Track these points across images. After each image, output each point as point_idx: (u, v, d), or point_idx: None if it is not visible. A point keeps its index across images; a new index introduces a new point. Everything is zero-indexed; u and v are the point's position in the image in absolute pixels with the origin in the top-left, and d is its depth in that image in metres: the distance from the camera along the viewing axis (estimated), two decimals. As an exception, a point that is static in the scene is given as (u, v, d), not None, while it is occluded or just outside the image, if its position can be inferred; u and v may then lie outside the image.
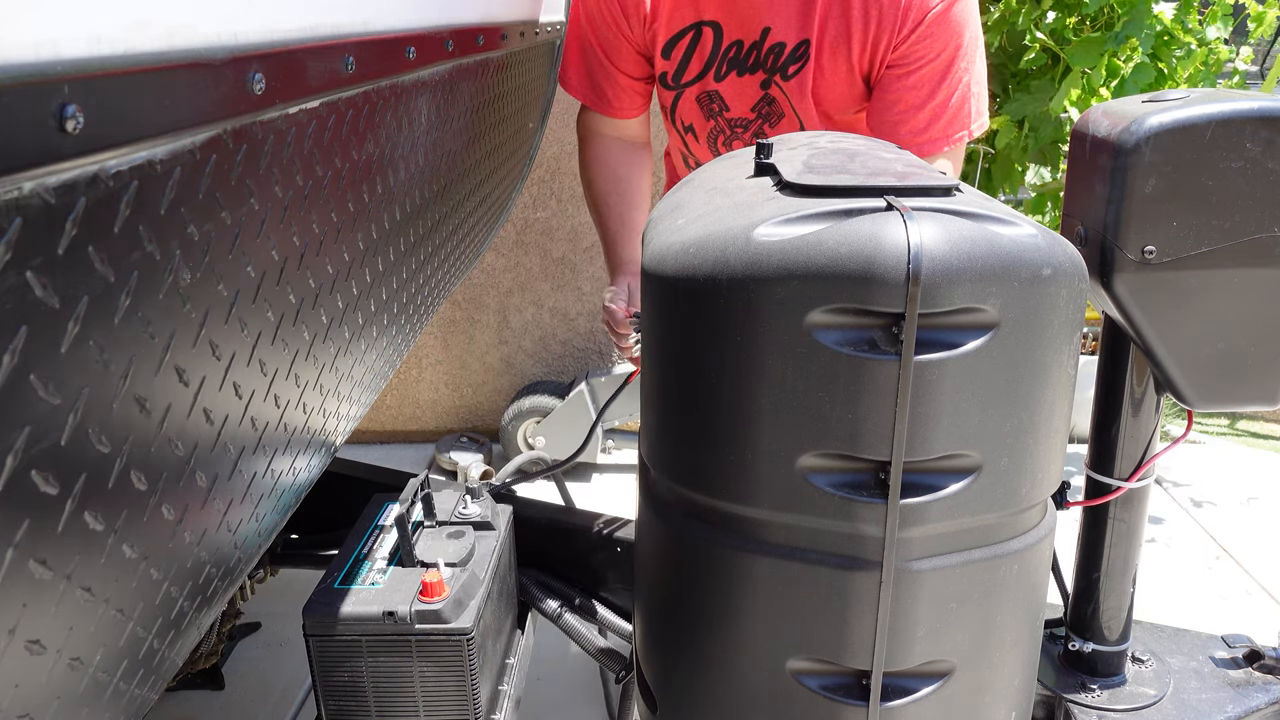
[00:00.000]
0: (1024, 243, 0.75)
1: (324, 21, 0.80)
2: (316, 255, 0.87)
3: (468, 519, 1.38)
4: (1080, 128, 1.21)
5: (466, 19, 1.26)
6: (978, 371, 0.75)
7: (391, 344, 1.25)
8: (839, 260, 0.73)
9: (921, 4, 1.46)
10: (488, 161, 1.58)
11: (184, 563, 0.74)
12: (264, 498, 0.90)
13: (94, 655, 0.63)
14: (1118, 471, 1.31)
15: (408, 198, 1.13)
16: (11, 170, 0.46)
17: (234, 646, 1.99)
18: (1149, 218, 1.10)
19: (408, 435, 3.36)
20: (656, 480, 0.91)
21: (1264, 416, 3.49)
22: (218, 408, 0.73)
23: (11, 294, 0.47)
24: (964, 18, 1.48)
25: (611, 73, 1.73)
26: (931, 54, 1.49)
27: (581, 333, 3.27)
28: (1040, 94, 2.78)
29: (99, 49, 0.51)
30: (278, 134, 0.74)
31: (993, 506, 0.80)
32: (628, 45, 1.70)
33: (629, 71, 1.72)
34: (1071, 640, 1.39)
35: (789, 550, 0.81)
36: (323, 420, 1.03)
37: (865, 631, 0.81)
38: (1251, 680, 1.39)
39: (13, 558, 0.51)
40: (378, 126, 0.96)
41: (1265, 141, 1.07)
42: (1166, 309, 1.13)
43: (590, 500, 2.59)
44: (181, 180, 0.60)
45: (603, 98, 1.75)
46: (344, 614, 1.17)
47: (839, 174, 0.85)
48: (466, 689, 1.20)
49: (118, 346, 0.57)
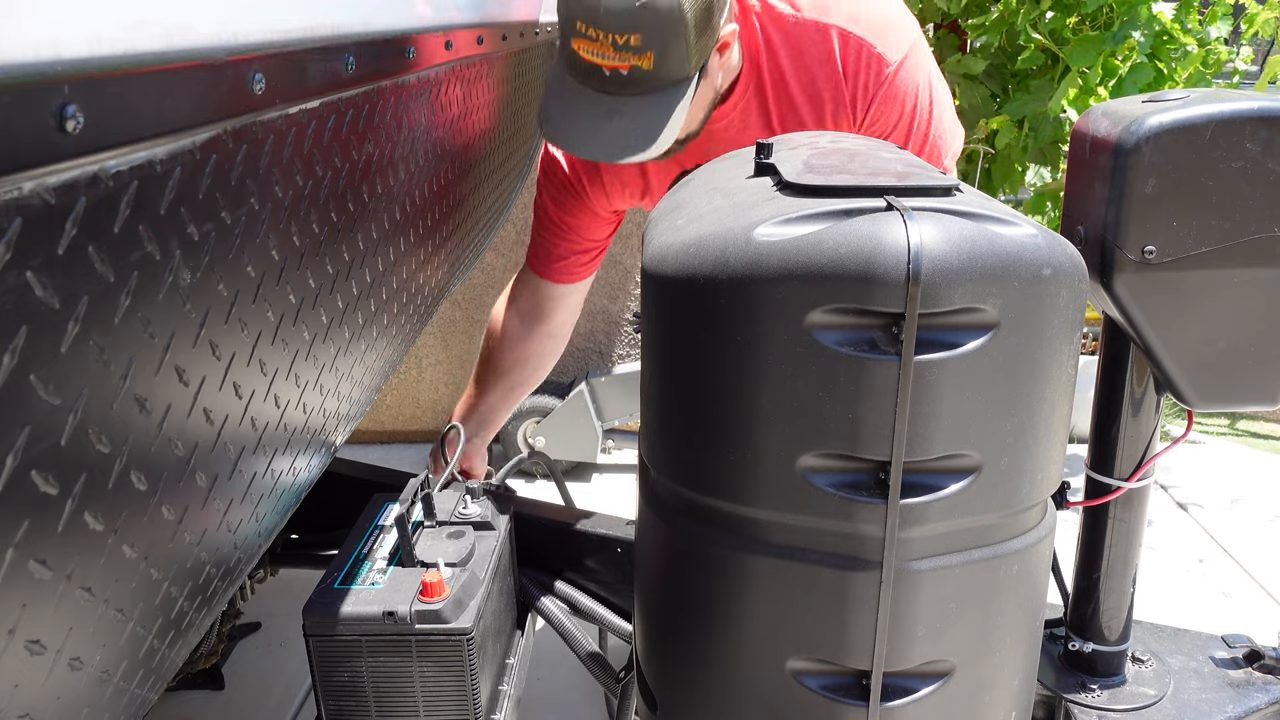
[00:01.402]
0: (1024, 243, 0.75)
1: (324, 21, 0.80)
2: (316, 255, 0.87)
3: (468, 519, 1.38)
4: (1080, 128, 1.21)
5: (466, 19, 1.26)
6: (978, 371, 0.75)
7: (391, 344, 1.25)
8: (839, 260, 0.73)
9: (865, 89, 1.48)
10: (488, 161, 1.58)
11: (184, 563, 0.74)
12: (264, 498, 0.90)
13: (94, 655, 0.63)
14: (1118, 471, 1.31)
15: (408, 198, 1.13)
16: (11, 170, 0.46)
17: (234, 646, 1.99)
18: (1149, 218, 1.10)
19: (408, 435, 3.36)
20: (656, 480, 0.91)
21: (1264, 416, 3.49)
22: (218, 408, 0.73)
23: (11, 294, 0.47)
24: (910, 75, 1.50)
25: (574, 240, 1.76)
26: (891, 122, 1.51)
27: (581, 333, 3.27)
28: (1040, 94, 2.78)
29: (99, 49, 0.51)
30: (278, 134, 0.74)
31: (993, 507, 0.80)
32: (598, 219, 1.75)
33: (592, 236, 1.76)
34: (1071, 640, 1.39)
35: (789, 550, 0.81)
36: (323, 420, 1.03)
37: (865, 631, 0.81)
38: (1251, 680, 1.39)
39: (13, 558, 0.51)
40: (378, 126, 0.96)
41: (1265, 141, 1.07)
42: (1166, 309, 1.13)
43: (590, 500, 2.59)
44: (181, 180, 0.60)
45: (551, 266, 1.79)
46: (344, 614, 1.17)
47: (839, 174, 0.85)
48: (466, 689, 1.20)
49: (118, 346, 0.57)
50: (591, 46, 1.28)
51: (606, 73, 1.29)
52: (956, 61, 2.92)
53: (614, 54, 1.27)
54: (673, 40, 1.27)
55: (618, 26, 1.25)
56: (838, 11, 1.47)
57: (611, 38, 1.26)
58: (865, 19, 1.47)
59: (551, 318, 1.83)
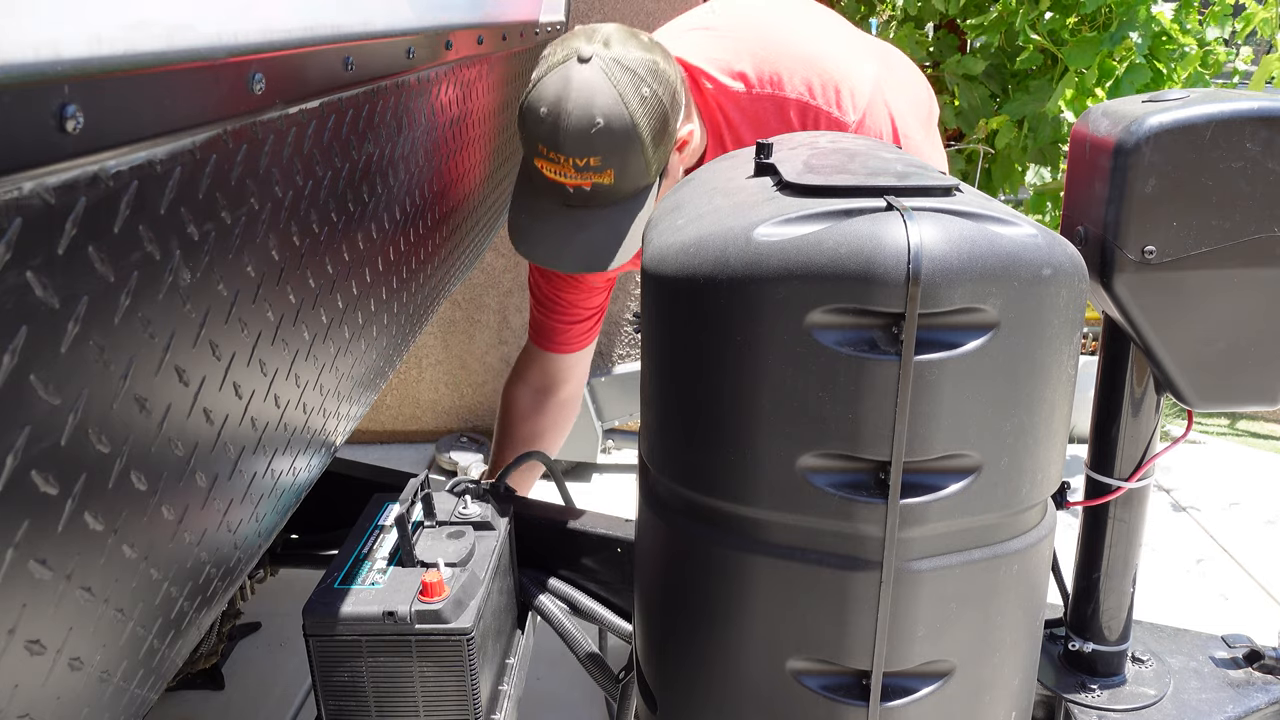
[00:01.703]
0: (1024, 243, 0.75)
1: (324, 21, 0.80)
2: (316, 255, 0.87)
3: (468, 519, 1.37)
4: (1080, 128, 1.21)
5: (466, 19, 1.26)
6: (977, 371, 0.75)
7: (391, 344, 1.25)
8: (839, 260, 0.73)
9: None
10: (488, 162, 1.58)
11: (184, 563, 0.74)
12: (264, 498, 0.90)
13: (94, 655, 0.63)
14: (1118, 472, 1.31)
15: (408, 198, 1.13)
16: (11, 170, 0.46)
17: (234, 646, 1.99)
18: (1149, 218, 1.10)
19: (408, 435, 3.36)
20: (656, 480, 0.91)
21: (1264, 416, 3.49)
22: (218, 408, 0.73)
23: (11, 294, 0.47)
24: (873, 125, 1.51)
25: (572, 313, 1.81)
26: None
27: (581, 333, 3.27)
28: (1039, 94, 2.78)
29: (99, 49, 0.51)
30: (278, 134, 0.74)
31: (993, 507, 0.80)
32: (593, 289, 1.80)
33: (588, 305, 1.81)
34: (1071, 640, 1.39)
35: (789, 550, 0.81)
36: (323, 420, 1.03)
37: (865, 631, 0.81)
38: (1251, 680, 1.39)
39: (13, 558, 0.51)
40: (377, 126, 0.96)
41: (1265, 141, 1.07)
42: (1166, 309, 1.13)
43: (590, 500, 2.59)
44: (181, 180, 0.60)
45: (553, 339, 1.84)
46: (344, 614, 1.17)
47: (839, 174, 0.85)
48: (466, 689, 1.20)
49: (118, 346, 0.57)
50: (554, 168, 1.32)
51: (570, 190, 1.33)
52: (956, 61, 2.92)
53: (575, 174, 1.32)
54: (631, 157, 1.31)
55: (577, 151, 1.29)
56: (789, 83, 1.49)
57: (572, 160, 1.30)
58: (819, 85, 1.49)
59: (563, 388, 1.89)
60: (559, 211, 1.37)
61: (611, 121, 1.27)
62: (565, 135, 1.28)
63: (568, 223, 1.37)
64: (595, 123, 1.27)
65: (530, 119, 1.31)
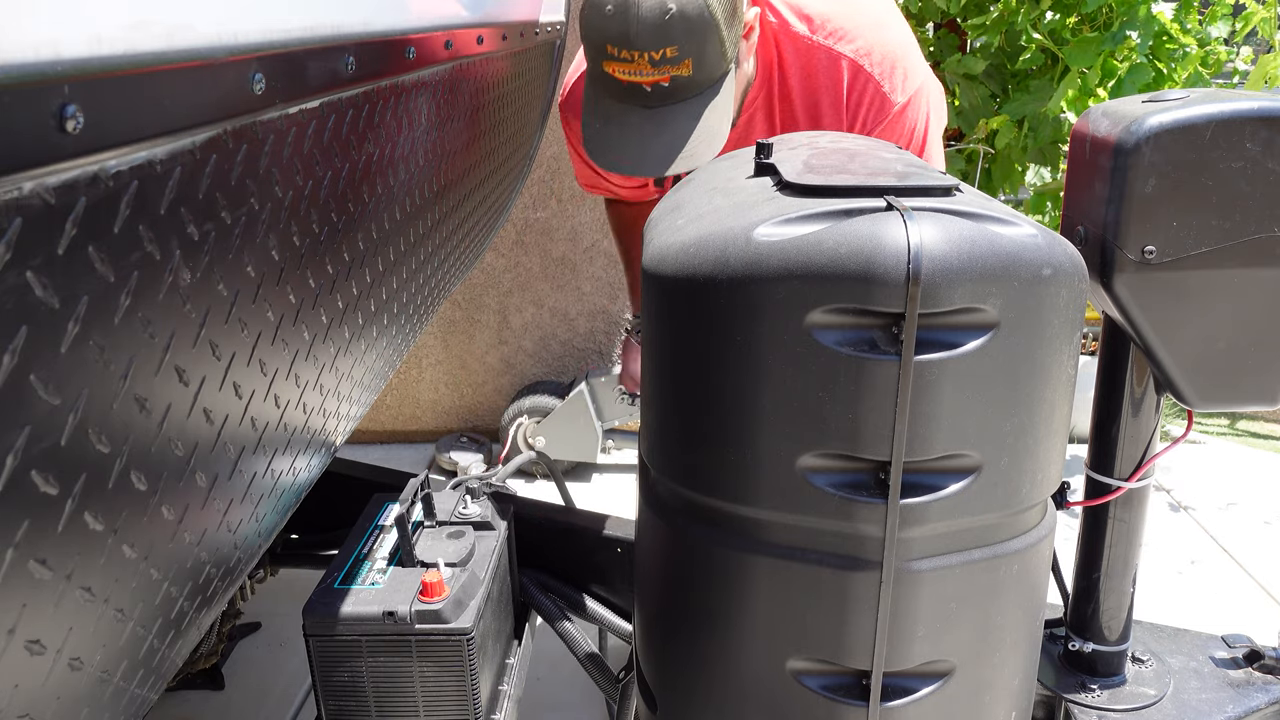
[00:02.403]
0: (1024, 243, 0.75)
1: (324, 21, 0.80)
2: (316, 255, 0.87)
3: (468, 519, 1.38)
4: (1080, 128, 1.21)
5: (466, 19, 1.26)
6: (977, 371, 0.75)
7: (391, 344, 1.25)
8: (839, 260, 0.73)
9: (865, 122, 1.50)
10: (488, 161, 1.58)
11: (184, 563, 0.74)
12: (264, 498, 0.90)
13: (94, 655, 0.63)
14: (1118, 472, 1.31)
15: (408, 198, 1.13)
16: (11, 170, 0.46)
17: (234, 646, 1.99)
18: (1149, 218, 1.10)
19: (408, 435, 3.36)
20: (656, 480, 0.91)
21: (1264, 416, 3.49)
22: (218, 408, 0.73)
23: (11, 294, 0.47)
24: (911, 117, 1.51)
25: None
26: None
27: (581, 333, 3.27)
28: (1039, 94, 2.78)
29: (99, 49, 0.51)
30: (278, 134, 0.74)
31: (993, 507, 0.80)
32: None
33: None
34: (1071, 640, 1.39)
35: (789, 550, 0.81)
36: (323, 420, 1.03)
37: (865, 631, 0.81)
38: (1251, 680, 1.39)
39: (13, 558, 0.51)
40: (378, 126, 0.96)
41: (1265, 141, 1.07)
42: (1166, 309, 1.13)
43: (590, 500, 2.59)
44: (181, 180, 0.60)
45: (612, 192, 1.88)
46: (344, 614, 1.17)
47: (839, 174, 0.85)
48: (466, 689, 1.20)
49: (118, 346, 0.57)
50: (627, 67, 1.27)
51: (648, 89, 1.28)
52: (956, 61, 2.91)
53: (652, 70, 1.26)
54: (707, 42, 1.26)
55: (652, 43, 1.24)
56: (851, 41, 1.47)
57: (647, 55, 1.25)
58: (879, 55, 1.47)
59: None
60: (639, 115, 1.32)
61: (685, 5, 1.22)
62: (638, 28, 1.22)
63: (651, 124, 1.31)
64: (668, 9, 1.21)
65: (595, 19, 1.26)
